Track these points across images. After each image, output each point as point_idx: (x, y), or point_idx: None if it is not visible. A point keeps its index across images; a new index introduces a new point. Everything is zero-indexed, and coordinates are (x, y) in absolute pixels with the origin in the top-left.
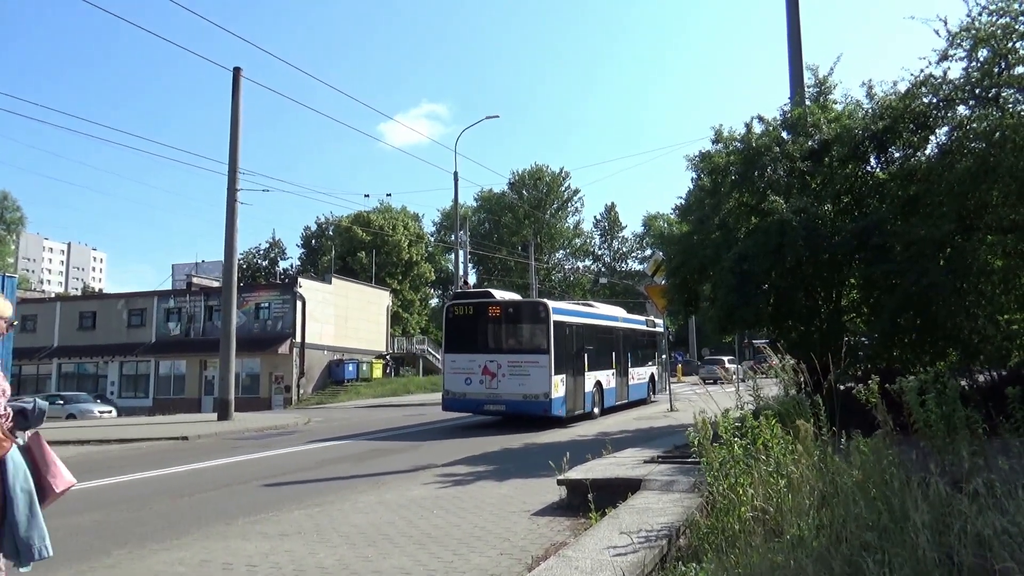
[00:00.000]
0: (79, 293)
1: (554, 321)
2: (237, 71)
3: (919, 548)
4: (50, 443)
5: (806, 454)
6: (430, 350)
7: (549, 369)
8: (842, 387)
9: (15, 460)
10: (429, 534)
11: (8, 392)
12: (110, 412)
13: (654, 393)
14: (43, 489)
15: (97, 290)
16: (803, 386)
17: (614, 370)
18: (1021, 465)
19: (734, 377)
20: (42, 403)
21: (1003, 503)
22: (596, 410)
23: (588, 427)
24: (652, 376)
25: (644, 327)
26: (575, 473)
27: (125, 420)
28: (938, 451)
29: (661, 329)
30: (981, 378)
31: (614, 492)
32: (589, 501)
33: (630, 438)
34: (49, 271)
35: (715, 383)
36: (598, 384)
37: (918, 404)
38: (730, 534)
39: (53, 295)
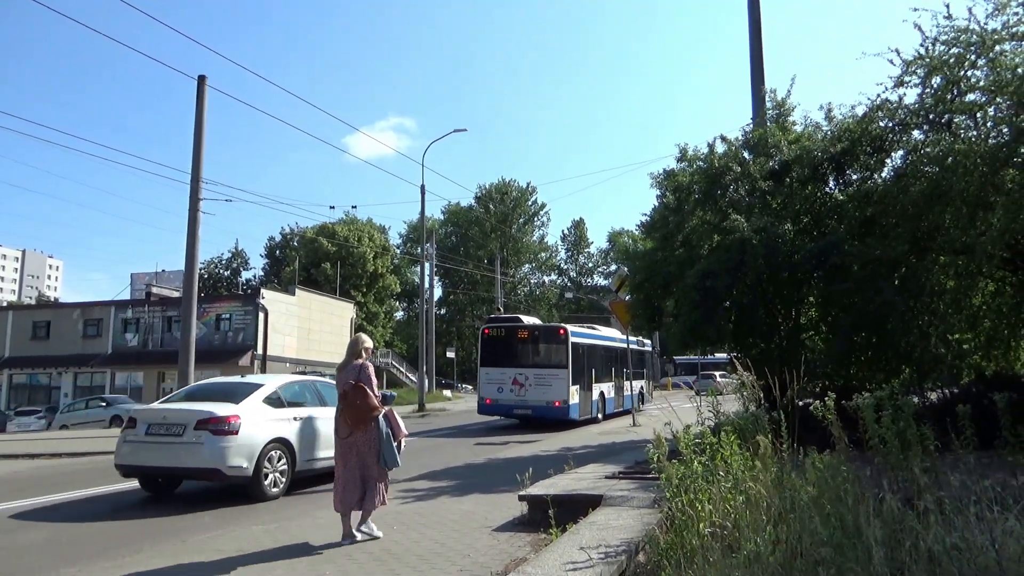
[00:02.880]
0: (33, 302)
1: (572, 342)
2: (202, 79)
3: (872, 564)
4: None
5: (764, 470)
6: (395, 363)
7: (568, 381)
8: (801, 403)
9: (380, 420)
10: (389, 550)
11: (376, 382)
12: None
13: (643, 403)
14: (394, 438)
15: (52, 299)
16: (762, 402)
17: (613, 382)
18: (971, 481)
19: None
20: (392, 393)
21: (953, 519)
22: (600, 415)
23: (551, 443)
24: (642, 388)
25: (636, 346)
26: (537, 489)
27: (77, 433)
28: (891, 467)
29: (649, 348)
30: (934, 395)
31: (575, 508)
32: (550, 517)
33: (593, 453)
34: (2, 279)
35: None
36: (601, 394)
37: (873, 421)
38: (688, 550)
39: (5, 304)
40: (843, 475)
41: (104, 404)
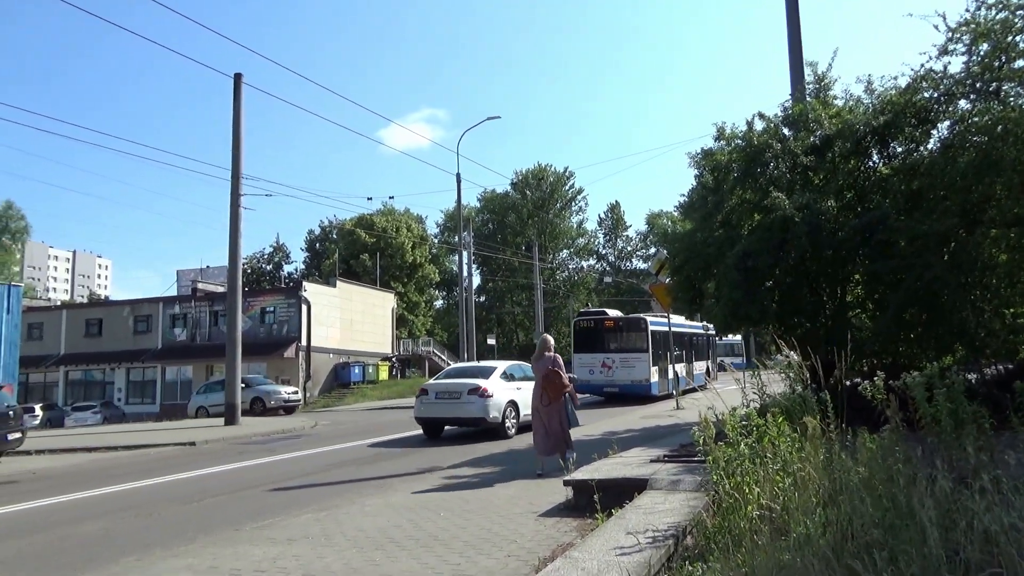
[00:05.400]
0: (85, 300)
1: (651, 330)
2: (238, 77)
3: (926, 545)
4: (56, 451)
5: (813, 452)
6: (436, 351)
7: (648, 363)
8: (848, 383)
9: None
10: (436, 537)
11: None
12: (295, 393)
13: (709, 380)
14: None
15: (103, 297)
16: (808, 383)
17: (684, 363)
18: None
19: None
20: (575, 375)
21: (1010, 499)
22: (674, 392)
23: (594, 427)
24: (707, 367)
25: (701, 331)
26: (581, 474)
27: (132, 427)
28: (945, 447)
29: (713, 332)
30: (988, 372)
31: (620, 492)
32: (595, 502)
33: (636, 437)
34: (55, 279)
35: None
36: (675, 373)
37: (925, 400)
38: (737, 533)
39: (59, 303)
40: (895, 455)
41: (244, 385)
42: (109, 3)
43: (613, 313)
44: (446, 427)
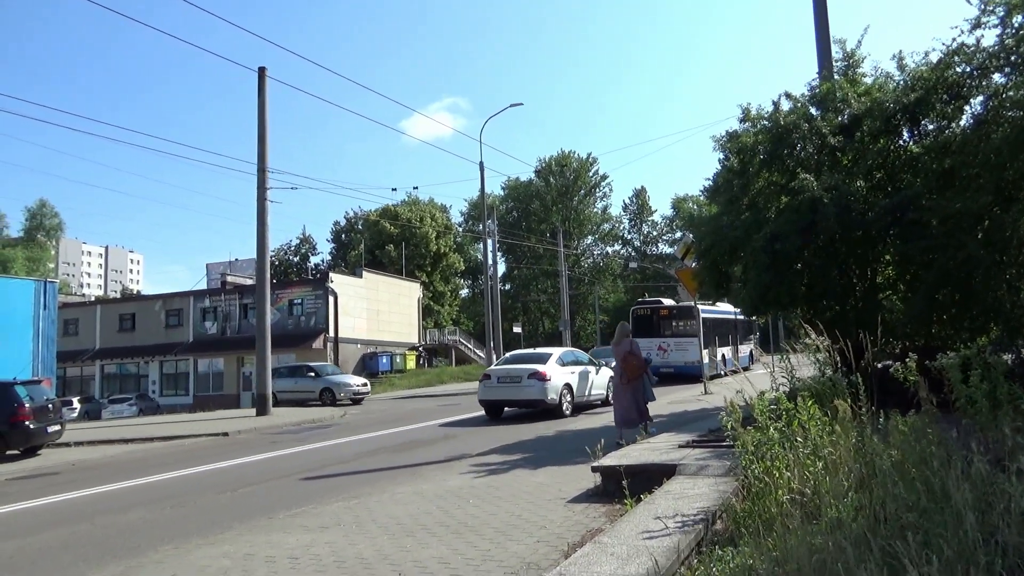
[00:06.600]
0: (118, 295)
1: (702, 317)
2: (262, 71)
3: (961, 528)
4: (94, 443)
5: (844, 435)
6: (462, 340)
7: (700, 346)
8: (879, 366)
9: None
10: (466, 523)
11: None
12: (365, 385)
13: (752, 363)
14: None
15: (135, 292)
16: (838, 365)
17: (731, 347)
18: None
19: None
20: (650, 356)
21: None
22: (723, 373)
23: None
24: (751, 351)
25: (744, 317)
26: (609, 459)
27: (167, 418)
28: (980, 428)
29: (754, 318)
30: None
31: (649, 478)
32: (624, 487)
33: (664, 423)
34: (88, 275)
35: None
36: (723, 355)
37: (960, 381)
38: (767, 517)
39: (93, 298)
40: (928, 437)
41: (313, 375)
42: (132, 0)
43: (667, 302)
44: (505, 408)
